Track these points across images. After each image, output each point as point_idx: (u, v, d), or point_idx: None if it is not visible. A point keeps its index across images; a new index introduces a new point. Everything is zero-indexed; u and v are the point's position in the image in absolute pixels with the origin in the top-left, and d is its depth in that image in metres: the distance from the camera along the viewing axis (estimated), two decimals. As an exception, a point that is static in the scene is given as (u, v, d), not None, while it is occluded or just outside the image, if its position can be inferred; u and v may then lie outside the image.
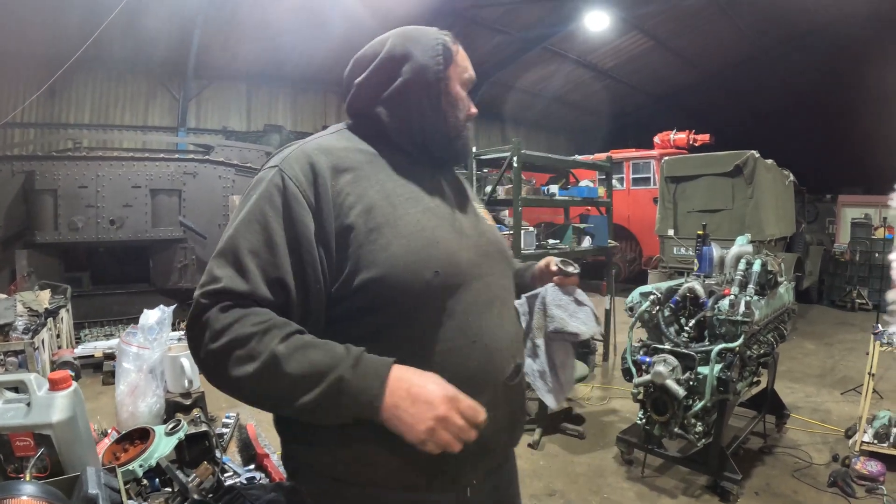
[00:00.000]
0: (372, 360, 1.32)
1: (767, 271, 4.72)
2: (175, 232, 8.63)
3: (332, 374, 1.27)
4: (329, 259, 1.42)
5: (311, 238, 1.40)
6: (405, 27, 1.74)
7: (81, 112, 13.03)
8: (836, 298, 12.63)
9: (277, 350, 1.27)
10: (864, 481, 4.57)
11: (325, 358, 1.29)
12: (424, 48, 1.64)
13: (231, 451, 2.32)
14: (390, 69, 1.63)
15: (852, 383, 6.79)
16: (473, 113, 1.71)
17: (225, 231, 1.46)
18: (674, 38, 18.68)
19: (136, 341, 2.41)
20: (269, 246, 1.38)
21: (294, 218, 1.40)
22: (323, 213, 1.43)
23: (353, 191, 1.47)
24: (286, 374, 1.26)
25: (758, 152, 9.14)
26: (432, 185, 1.64)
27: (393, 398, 1.28)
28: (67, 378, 1.78)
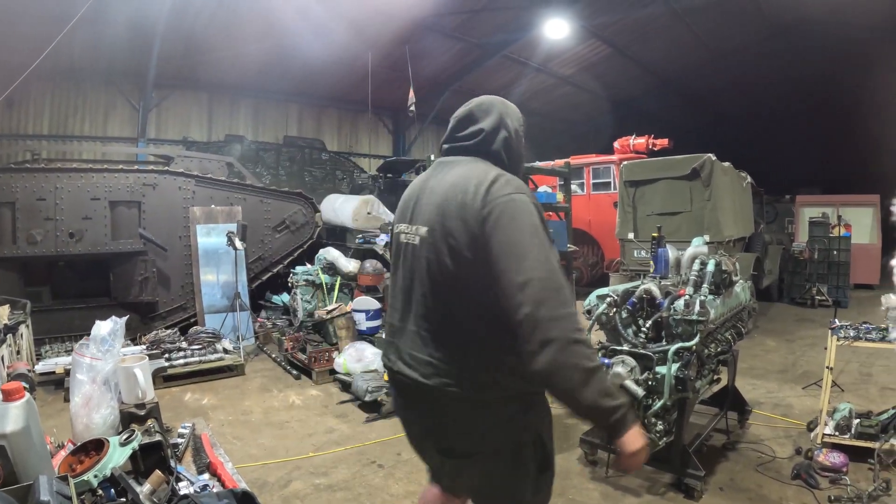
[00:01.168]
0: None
1: (722, 271, 4.81)
2: (135, 244, 8.51)
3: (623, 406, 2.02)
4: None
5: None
6: (503, 100, 2.56)
7: (40, 123, 12.85)
8: (796, 296, 12.86)
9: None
10: (827, 472, 4.66)
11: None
12: (516, 114, 2.53)
13: (186, 461, 2.32)
14: (504, 121, 2.45)
15: (813, 378, 6.91)
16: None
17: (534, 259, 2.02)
18: (632, 45, 18.90)
19: (90, 352, 2.40)
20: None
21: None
22: None
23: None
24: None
25: (715, 155, 9.28)
26: None
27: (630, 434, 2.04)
28: (20, 389, 1.78)
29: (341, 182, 14.77)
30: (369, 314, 8.29)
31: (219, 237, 8.87)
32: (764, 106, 23.79)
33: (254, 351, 8.74)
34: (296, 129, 17.31)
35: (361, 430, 5.90)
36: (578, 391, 1.91)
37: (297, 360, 7.88)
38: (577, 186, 14.11)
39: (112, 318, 2.50)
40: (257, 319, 9.83)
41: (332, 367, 7.41)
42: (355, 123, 19.20)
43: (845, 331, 5.11)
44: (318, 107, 18.04)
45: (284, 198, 10.13)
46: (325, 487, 4.69)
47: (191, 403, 6.59)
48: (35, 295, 8.07)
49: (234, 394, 7.02)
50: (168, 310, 8.90)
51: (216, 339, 8.02)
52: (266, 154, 13.93)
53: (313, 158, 14.71)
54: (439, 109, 19.15)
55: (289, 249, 10.09)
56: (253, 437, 5.71)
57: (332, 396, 6.94)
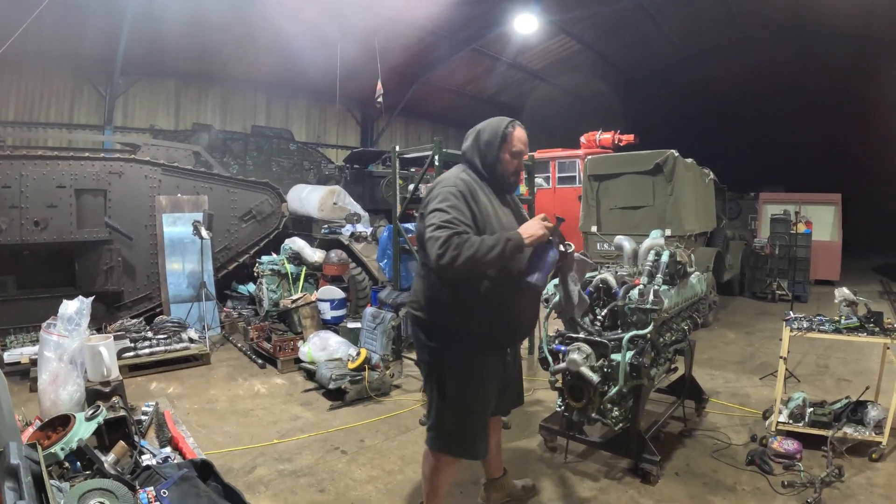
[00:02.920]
0: (513, 231, 3.19)
1: (676, 262, 4.93)
2: (100, 233, 8.45)
3: (503, 239, 3.05)
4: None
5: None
6: (487, 123, 3.52)
7: (5, 109, 12.63)
8: (757, 290, 13.11)
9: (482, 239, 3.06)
10: (781, 459, 4.80)
11: (495, 237, 3.08)
12: (493, 131, 3.42)
13: (150, 437, 2.39)
14: (478, 139, 3.47)
15: (771, 369, 7.07)
16: (519, 171, 3.50)
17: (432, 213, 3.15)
18: (601, 41, 19.10)
19: (57, 330, 2.45)
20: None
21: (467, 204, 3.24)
22: (471, 205, 3.23)
23: (477, 199, 3.26)
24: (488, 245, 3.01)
25: (677, 151, 9.43)
26: (500, 201, 3.44)
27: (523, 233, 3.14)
28: (-13, 365, 1.84)
29: (308, 172, 14.76)
30: (334, 303, 8.34)
31: (185, 226, 8.84)
32: (730, 104, 24.11)
33: (219, 340, 8.73)
34: (264, 119, 17.21)
35: (325, 418, 5.96)
36: (478, 263, 3.00)
37: (263, 350, 7.90)
38: (542, 180, 14.24)
39: (79, 298, 2.55)
40: (223, 309, 9.82)
41: (296, 356, 7.45)
42: (324, 114, 19.14)
43: (799, 322, 5.27)
44: (286, 97, 17.95)
45: (251, 187, 10.11)
46: (290, 473, 4.74)
47: (156, 392, 6.57)
48: (0, 284, 7.99)
49: (200, 383, 7.03)
50: (134, 299, 8.86)
51: (182, 328, 8.01)
52: (234, 143, 13.87)
53: (281, 148, 14.67)
54: (407, 101, 19.18)
55: (255, 239, 10.08)
56: (218, 425, 5.73)
57: (297, 385, 6.98)
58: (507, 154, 3.40)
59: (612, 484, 4.58)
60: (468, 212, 3.20)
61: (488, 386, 3.44)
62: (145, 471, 1.90)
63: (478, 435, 3.48)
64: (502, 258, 3.05)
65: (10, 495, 1.36)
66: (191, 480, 1.82)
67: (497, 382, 3.51)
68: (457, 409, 3.40)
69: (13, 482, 1.43)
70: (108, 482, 1.65)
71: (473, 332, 3.32)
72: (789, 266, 12.71)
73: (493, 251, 3.00)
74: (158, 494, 1.73)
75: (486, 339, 3.36)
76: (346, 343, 7.32)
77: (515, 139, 3.41)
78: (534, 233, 3.13)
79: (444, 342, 3.38)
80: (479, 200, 3.27)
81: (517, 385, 3.90)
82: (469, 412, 3.42)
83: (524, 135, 3.45)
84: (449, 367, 3.38)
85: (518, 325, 3.53)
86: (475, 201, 3.25)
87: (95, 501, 1.57)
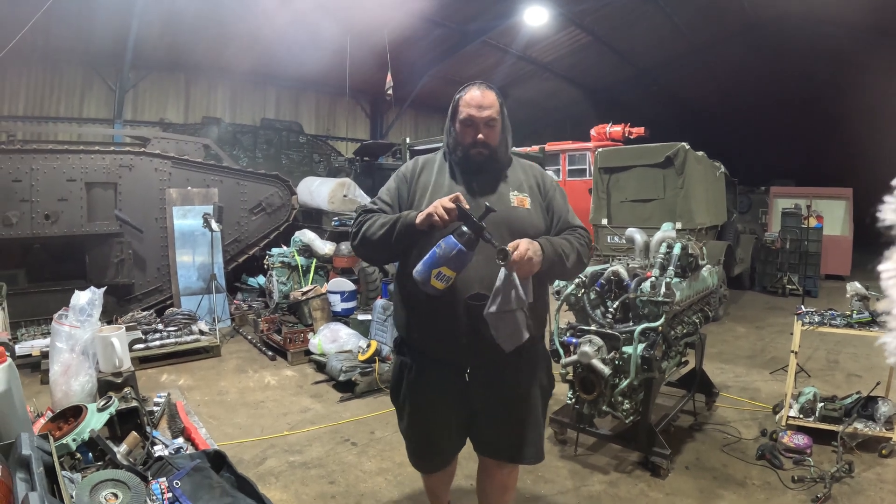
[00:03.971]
0: (405, 213, 2.68)
1: (688, 254, 4.91)
2: (111, 226, 8.48)
3: (395, 218, 2.67)
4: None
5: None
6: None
7: (15, 104, 12.70)
8: (767, 284, 13.03)
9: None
10: (791, 454, 4.78)
11: (391, 216, 2.71)
12: (452, 114, 2.86)
13: (162, 427, 2.39)
14: (446, 129, 2.94)
15: (781, 364, 7.03)
16: (479, 139, 2.76)
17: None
18: (611, 34, 18.99)
19: (69, 321, 2.46)
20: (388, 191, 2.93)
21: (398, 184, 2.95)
22: (410, 184, 2.90)
23: (420, 177, 2.90)
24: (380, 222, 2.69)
25: (688, 144, 9.39)
26: (468, 182, 2.83)
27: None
28: (2, 353, 1.84)
29: (318, 165, 14.78)
30: (344, 295, 8.34)
31: (195, 219, 8.86)
32: (741, 98, 23.94)
33: (230, 333, 8.75)
34: (273, 112, 17.24)
35: (336, 410, 5.97)
36: (371, 244, 2.72)
37: (273, 342, 7.92)
38: (552, 172, 14.16)
39: (91, 289, 2.56)
40: (233, 301, 9.85)
41: (307, 348, 7.46)
42: (333, 107, 19.17)
43: (810, 316, 5.24)
44: (296, 90, 17.97)
45: (261, 180, 10.12)
46: (300, 465, 4.76)
47: (167, 384, 6.61)
48: (10, 278, 8.00)
49: (210, 375, 7.05)
50: (144, 292, 8.88)
51: (192, 320, 8.04)
52: (243, 136, 13.90)
53: (290, 141, 14.70)
54: (417, 94, 19.15)
55: (265, 232, 10.08)
56: (228, 417, 5.76)
57: (307, 377, 7.00)
58: (457, 124, 2.84)
59: (623, 477, 4.58)
60: (397, 191, 2.91)
61: (419, 401, 2.94)
62: (157, 461, 1.91)
63: (418, 450, 3.16)
64: (391, 238, 2.64)
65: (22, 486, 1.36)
66: (203, 471, 1.82)
67: (444, 405, 2.90)
68: (398, 414, 3.11)
69: (25, 473, 1.43)
70: (120, 473, 1.66)
71: (400, 333, 3.03)
72: (800, 260, 12.64)
73: (383, 229, 2.66)
74: (171, 485, 1.73)
75: (410, 343, 2.96)
76: (356, 335, 7.33)
77: (462, 105, 2.81)
78: (428, 212, 2.54)
79: (396, 339, 3.12)
80: (420, 178, 2.91)
81: (504, 424, 2.95)
82: (404, 422, 3.08)
83: (477, 96, 2.79)
84: (391, 364, 3.12)
85: (442, 333, 2.76)
86: (416, 180, 2.91)
87: (107, 492, 1.58)
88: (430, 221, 2.50)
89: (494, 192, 2.82)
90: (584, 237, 2.90)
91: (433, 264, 2.44)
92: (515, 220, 2.76)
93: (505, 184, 2.87)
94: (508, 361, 2.74)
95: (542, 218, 2.89)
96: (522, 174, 2.97)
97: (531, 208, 2.84)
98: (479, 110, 2.75)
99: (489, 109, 2.76)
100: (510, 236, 2.58)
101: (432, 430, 3.00)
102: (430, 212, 2.50)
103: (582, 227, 2.96)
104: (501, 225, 2.66)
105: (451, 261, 2.43)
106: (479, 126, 2.75)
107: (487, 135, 2.77)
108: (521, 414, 2.91)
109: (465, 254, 2.42)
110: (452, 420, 2.93)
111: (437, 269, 2.44)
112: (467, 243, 2.41)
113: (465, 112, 2.77)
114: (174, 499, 1.70)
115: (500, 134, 2.84)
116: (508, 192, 2.84)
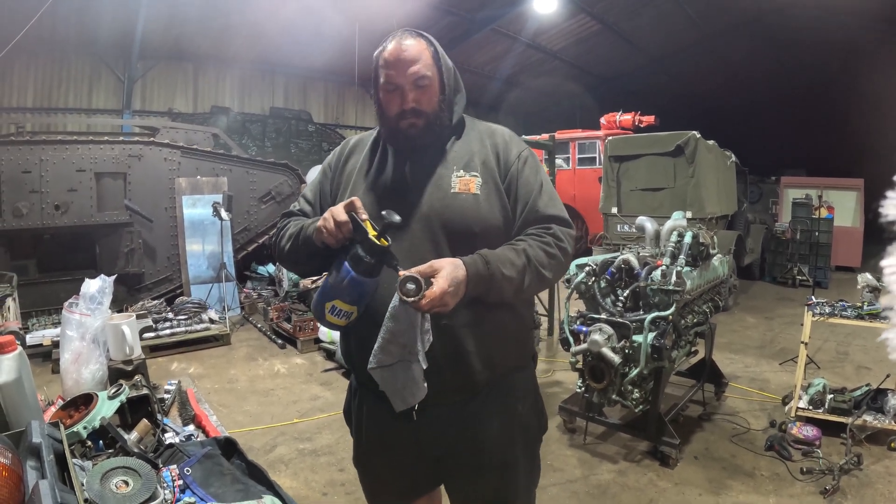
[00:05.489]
0: (313, 220, 2.06)
1: (699, 243, 4.90)
2: (121, 216, 8.52)
3: (301, 224, 2.08)
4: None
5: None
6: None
7: (24, 95, 12.73)
8: (777, 275, 12.97)
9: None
10: (800, 445, 4.77)
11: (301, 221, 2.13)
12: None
13: (172, 415, 2.40)
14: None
15: (791, 354, 7.00)
16: (407, 108, 2.01)
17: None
18: (621, 21, 18.85)
19: (79, 309, 2.47)
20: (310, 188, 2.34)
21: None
22: (333, 175, 2.27)
23: (346, 163, 2.24)
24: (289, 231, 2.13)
25: (699, 133, 9.34)
26: (404, 164, 2.11)
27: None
28: (13, 342, 1.84)
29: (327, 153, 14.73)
30: (354, 284, 8.35)
31: (204, 208, 8.88)
32: (752, 87, 23.79)
33: (239, 321, 8.79)
34: (282, 101, 17.22)
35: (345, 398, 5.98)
36: (284, 257, 2.18)
37: (283, 330, 7.95)
38: (562, 161, 14.15)
39: (101, 276, 2.55)
40: (243, 290, 9.88)
41: (316, 336, 7.50)
42: (342, 95, 19.13)
43: (821, 307, 5.22)
44: (304, 78, 17.94)
45: (270, 169, 10.12)
46: (310, 452, 4.78)
47: (177, 373, 6.64)
48: (21, 268, 8.03)
49: (220, 363, 7.09)
50: (154, 281, 8.92)
51: (202, 309, 8.08)
52: (252, 125, 13.91)
53: (299, 130, 14.71)
54: (427, 84, 19.10)
55: (274, 220, 10.04)
56: (238, 405, 5.78)
57: (317, 365, 7.03)
58: (380, 92, 2.10)
59: (631, 466, 4.58)
60: (320, 186, 2.31)
61: (364, 436, 2.30)
62: (168, 449, 1.91)
63: (369, 487, 2.42)
64: (298, 255, 2.08)
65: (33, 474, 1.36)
66: (214, 458, 1.82)
67: (391, 448, 2.20)
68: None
69: (35, 461, 1.43)
70: (131, 460, 1.66)
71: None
72: (810, 251, 12.58)
73: (290, 242, 2.10)
74: (182, 472, 1.73)
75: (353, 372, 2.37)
76: (365, 324, 7.32)
77: (381, 67, 2.06)
78: (317, 225, 1.94)
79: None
80: (347, 164, 2.26)
81: (474, 478, 2.16)
82: (354, 453, 2.44)
83: (396, 51, 2.02)
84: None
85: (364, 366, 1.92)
86: (341, 167, 2.27)
87: (118, 479, 1.58)
88: (322, 238, 1.90)
89: (432, 176, 2.08)
90: (558, 238, 2.05)
91: (324, 296, 1.88)
92: (454, 213, 2.02)
93: (446, 163, 2.11)
94: (469, 398, 2.07)
95: (496, 207, 2.08)
96: (477, 144, 2.18)
97: (480, 193, 2.06)
98: (402, 69, 2.01)
99: (415, 64, 2.02)
100: (445, 238, 2.00)
101: (381, 473, 2.31)
102: (319, 225, 1.90)
103: (560, 218, 2.11)
104: (433, 221, 2.01)
105: (344, 291, 1.83)
106: (404, 90, 2.02)
107: (418, 99, 2.03)
108: (493, 464, 2.13)
109: (362, 283, 1.81)
110: (406, 464, 2.20)
111: (330, 301, 1.86)
112: (365, 270, 1.80)
113: (384, 74, 2.05)
114: (185, 486, 1.70)
115: (437, 95, 2.09)
116: (451, 173, 2.08)
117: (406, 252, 1.89)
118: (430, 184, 2.05)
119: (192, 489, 1.69)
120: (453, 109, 2.16)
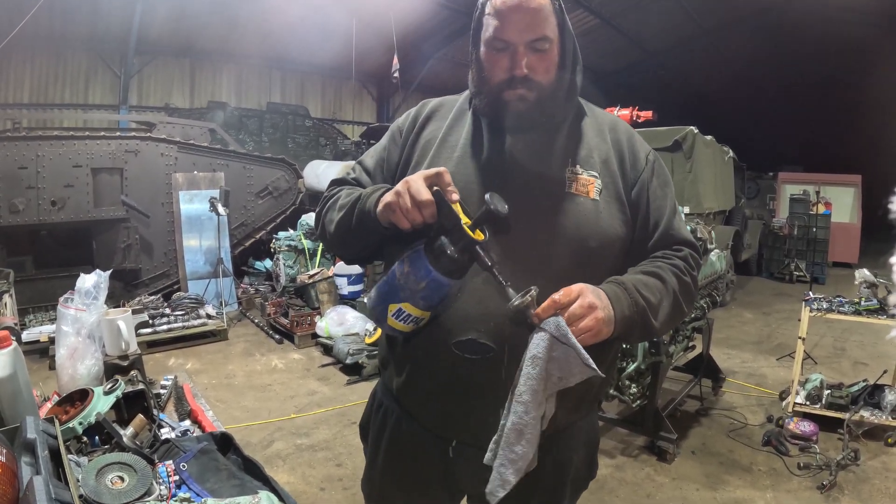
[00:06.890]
0: (375, 188, 1.64)
1: (697, 238, 4.89)
2: (118, 211, 8.48)
3: (357, 195, 1.65)
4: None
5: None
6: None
7: (20, 91, 12.65)
8: (774, 271, 13.02)
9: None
10: (797, 440, 4.81)
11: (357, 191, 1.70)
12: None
13: (168, 410, 2.39)
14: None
15: (788, 350, 7.04)
16: (518, 74, 1.54)
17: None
18: (619, 16, 18.84)
19: (74, 304, 2.46)
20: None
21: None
22: (406, 138, 1.82)
23: (424, 128, 1.80)
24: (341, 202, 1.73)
25: (697, 128, 9.33)
26: (487, 143, 1.67)
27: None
28: (7, 337, 1.84)
29: (325, 148, 14.74)
30: (351, 278, 8.36)
31: (201, 203, 8.87)
32: (750, 83, 23.78)
33: (237, 316, 8.78)
34: (279, 96, 17.17)
35: (342, 392, 6.00)
36: (329, 232, 1.78)
37: (280, 325, 7.95)
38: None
39: (96, 271, 2.55)
40: (240, 285, 9.87)
41: (314, 332, 7.50)
42: (339, 90, 19.08)
43: (818, 303, 5.23)
44: (301, 73, 17.88)
45: (267, 164, 10.09)
46: (307, 447, 4.78)
47: (174, 368, 6.64)
48: (18, 264, 7.99)
49: (218, 358, 7.08)
50: (151, 277, 8.90)
51: (199, 304, 8.07)
52: (249, 120, 13.84)
53: (297, 125, 14.63)
54: (423, 77, 19.08)
55: (271, 215, 10.08)
56: (236, 400, 5.78)
57: (314, 360, 7.03)
58: (482, 48, 1.63)
59: (629, 461, 4.60)
60: (386, 152, 1.89)
61: (378, 459, 1.93)
62: (164, 444, 1.91)
63: None
64: (349, 227, 1.63)
65: (27, 470, 1.36)
66: (210, 454, 1.82)
67: (418, 481, 1.84)
68: (367, 459, 2.06)
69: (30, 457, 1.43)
70: (126, 456, 1.66)
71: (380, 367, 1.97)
72: (807, 247, 12.59)
73: (341, 212, 1.67)
74: (178, 467, 1.73)
75: (386, 390, 1.91)
76: (363, 318, 7.35)
77: (489, 15, 1.59)
78: (387, 200, 1.47)
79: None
80: (425, 131, 1.80)
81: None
82: (365, 475, 2.08)
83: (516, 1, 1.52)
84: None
85: (420, 386, 1.71)
86: (417, 133, 1.81)
87: (114, 475, 1.58)
88: (390, 217, 1.46)
89: (541, 167, 1.62)
90: (690, 265, 1.67)
91: (389, 296, 1.47)
92: (568, 219, 1.58)
93: (558, 153, 1.65)
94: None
95: (616, 218, 1.64)
96: (595, 136, 1.71)
97: (600, 200, 1.62)
98: (519, 23, 1.53)
99: (537, 20, 1.55)
100: (553, 247, 1.56)
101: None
102: (390, 200, 1.44)
103: (691, 242, 1.73)
104: (538, 223, 1.57)
105: (418, 294, 1.42)
106: (517, 52, 1.54)
107: (533, 66, 1.55)
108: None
109: (442, 285, 1.40)
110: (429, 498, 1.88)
111: (397, 303, 1.46)
112: (448, 269, 1.38)
113: (492, 27, 1.56)
114: (181, 481, 1.70)
115: (555, 64, 1.62)
116: (564, 167, 1.63)
117: (496, 256, 1.41)
118: (538, 176, 1.61)
119: (188, 485, 1.69)
120: (574, 87, 1.70)
